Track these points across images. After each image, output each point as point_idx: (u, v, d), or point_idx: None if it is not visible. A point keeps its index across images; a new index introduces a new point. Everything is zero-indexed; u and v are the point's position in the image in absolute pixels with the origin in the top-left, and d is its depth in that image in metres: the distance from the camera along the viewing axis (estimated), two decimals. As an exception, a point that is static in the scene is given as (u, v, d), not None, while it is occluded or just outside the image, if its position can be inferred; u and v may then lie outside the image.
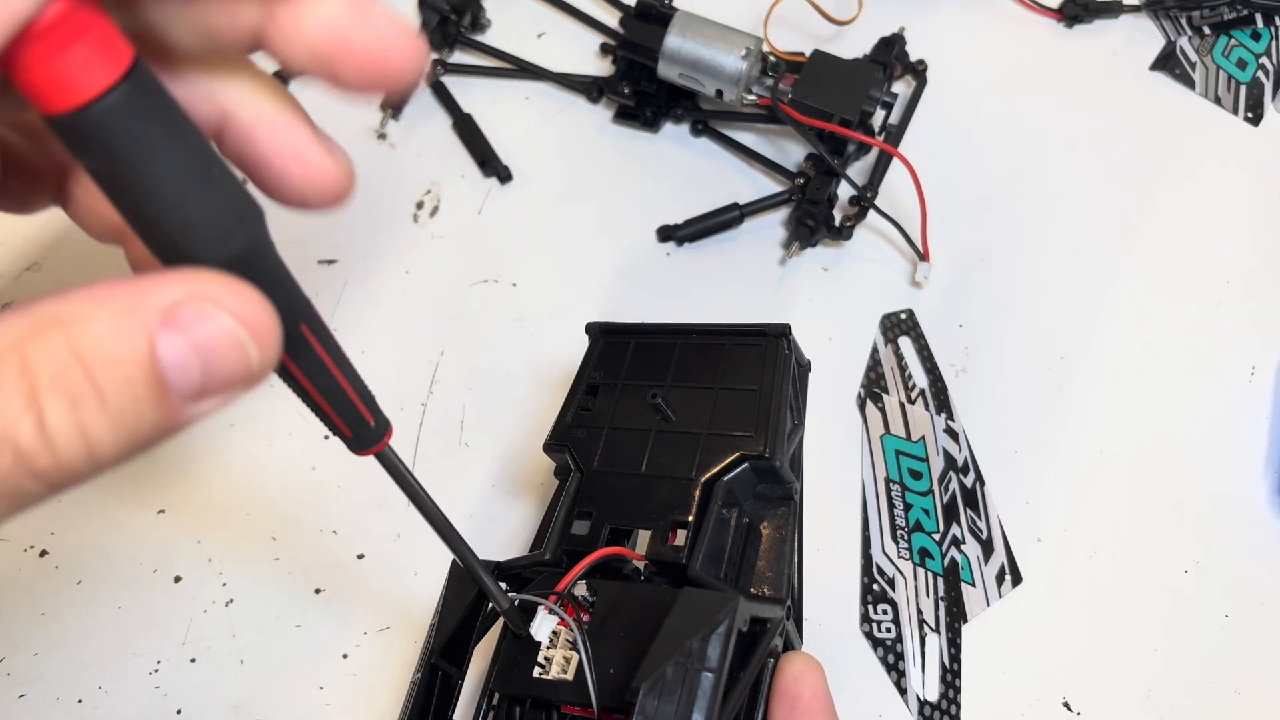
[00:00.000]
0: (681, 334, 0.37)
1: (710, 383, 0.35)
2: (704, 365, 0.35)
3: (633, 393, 0.36)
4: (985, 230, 0.52)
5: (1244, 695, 0.43)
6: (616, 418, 0.35)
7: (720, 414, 0.33)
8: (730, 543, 0.32)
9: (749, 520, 0.33)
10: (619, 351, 0.37)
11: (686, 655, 0.26)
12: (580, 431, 0.35)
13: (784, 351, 0.35)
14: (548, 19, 0.58)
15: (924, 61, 0.55)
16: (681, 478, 0.32)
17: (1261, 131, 0.56)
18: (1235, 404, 0.49)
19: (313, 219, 0.52)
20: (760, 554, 0.32)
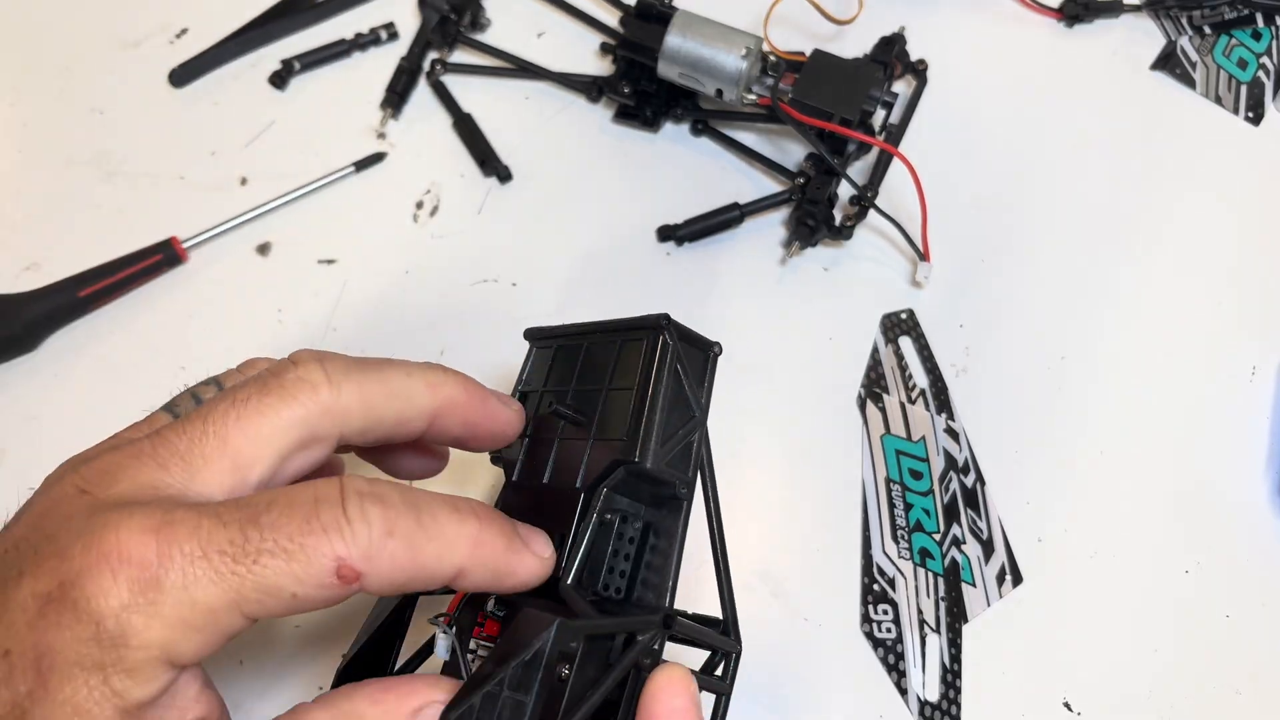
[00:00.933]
0: (589, 333, 0.34)
1: (600, 384, 0.33)
2: (600, 366, 0.33)
3: (547, 400, 0.34)
4: (986, 230, 0.52)
5: (1245, 695, 0.43)
6: (535, 427, 0.34)
7: (605, 417, 0.32)
8: (611, 552, 0.30)
9: (646, 525, 0.31)
10: (546, 356, 0.36)
11: (499, 684, 0.25)
12: (510, 444, 0.34)
13: (666, 343, 0.31)
14: (548, 18, 0.58)
15: (924, 61, 0.55)
16: (569, 488, 0.31)
17: (1262, 131, 0.56)
18: (1236, 404, 0.49)
19: (312, 218, 0.52)
20: (652, 563, 0.31)
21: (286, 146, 0.53)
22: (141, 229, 0.50)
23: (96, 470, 0.26)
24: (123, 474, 0.26)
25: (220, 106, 0.54)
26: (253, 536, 0.24)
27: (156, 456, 0.26)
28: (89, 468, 0.26)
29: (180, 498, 0.25)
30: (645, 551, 0.31)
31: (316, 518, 0.25)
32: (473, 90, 0.55)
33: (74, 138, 0.53)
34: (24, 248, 0.50)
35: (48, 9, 0.57)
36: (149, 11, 0.57)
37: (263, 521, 0.24)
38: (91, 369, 0.47)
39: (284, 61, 0.55)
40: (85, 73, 0.55)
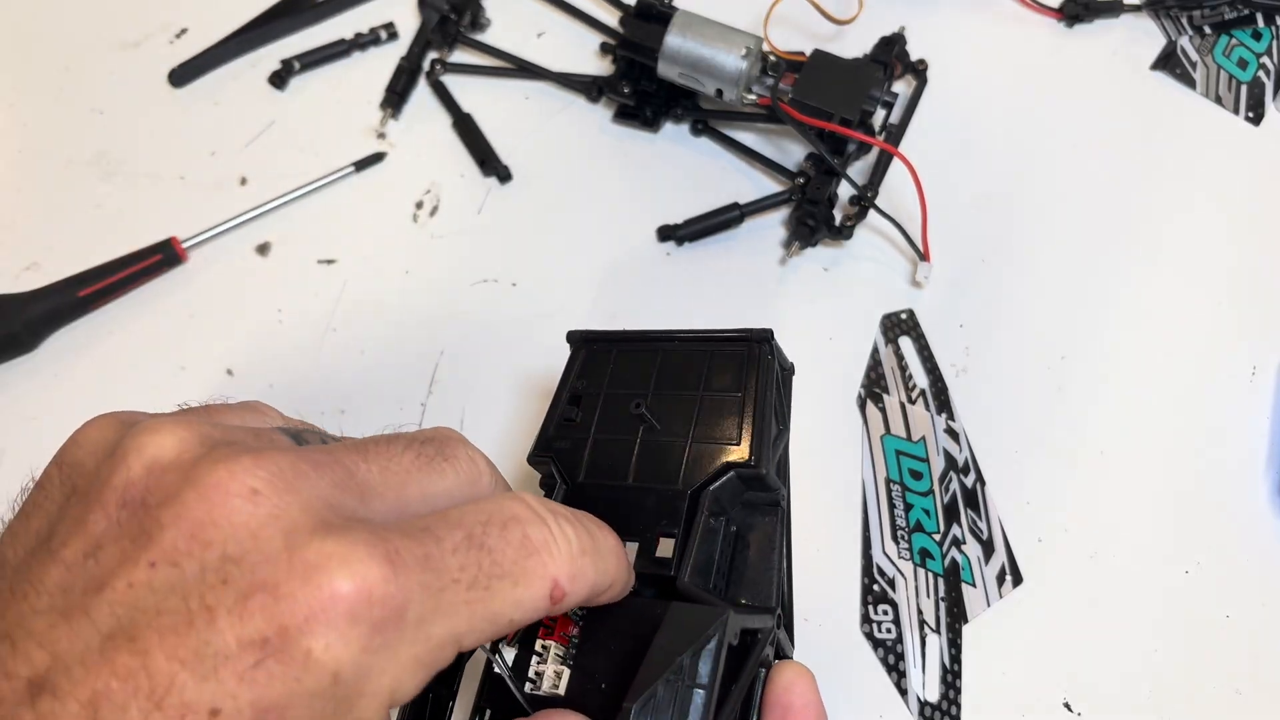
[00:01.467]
0: (664, 340, 0.36)
1: (693, 389, 0.34)
2: (687, 372, 0.34)
3: (616, 401, 0.35)
4: (986, 230, 0.52)
5: (1245, 695, 0.43)
6: (600, 428, 0.34)
7: (704, 422, 0.33)
8: (719, 553, 0.31)
9: (736, 529, 0.32)
10: (602, 359, 0.36)
11: (677, 673, 0.25)
12: (564, 442, 0.34)
13: (767, 357, 0.34)
14: (547, 18, 0.58)
15: (924, 61, 0.55)
16: (668, 488, 0.31)
17: (1262, 131, 0.56)
18: (1236, 404, 0.49)
19: (312, 218, 0.52)
20: (749, 562, 0.32)
21: (286, 146, 0.53)
22: (141, 229, 0.50)
23: (268, 469, 0.21)
24: (303, 483, 0.21)
25: (220, 106, 0.54)
26: (483, 562, 0.22)
27: (334, 472, 0.23)
28: (257, 463, 0.21)
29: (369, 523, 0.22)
30: (737, 554, 0.32)
31: (531, 539, 0.23)
32: (472, 90, 0.55)
33: (74, 138, 0.53)
34: (24, 248, 0.50)
35: (48, 9, 0.57)
36: (149, 11, 0.57)
37: (488, 544, 0.23)
38: (91, 369, 0.47)
39: (284, 61, 0.55)
40: (85, 73, 0.55)
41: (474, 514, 0.23)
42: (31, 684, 0.19)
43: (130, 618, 0.19)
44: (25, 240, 0.50)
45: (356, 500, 0.22)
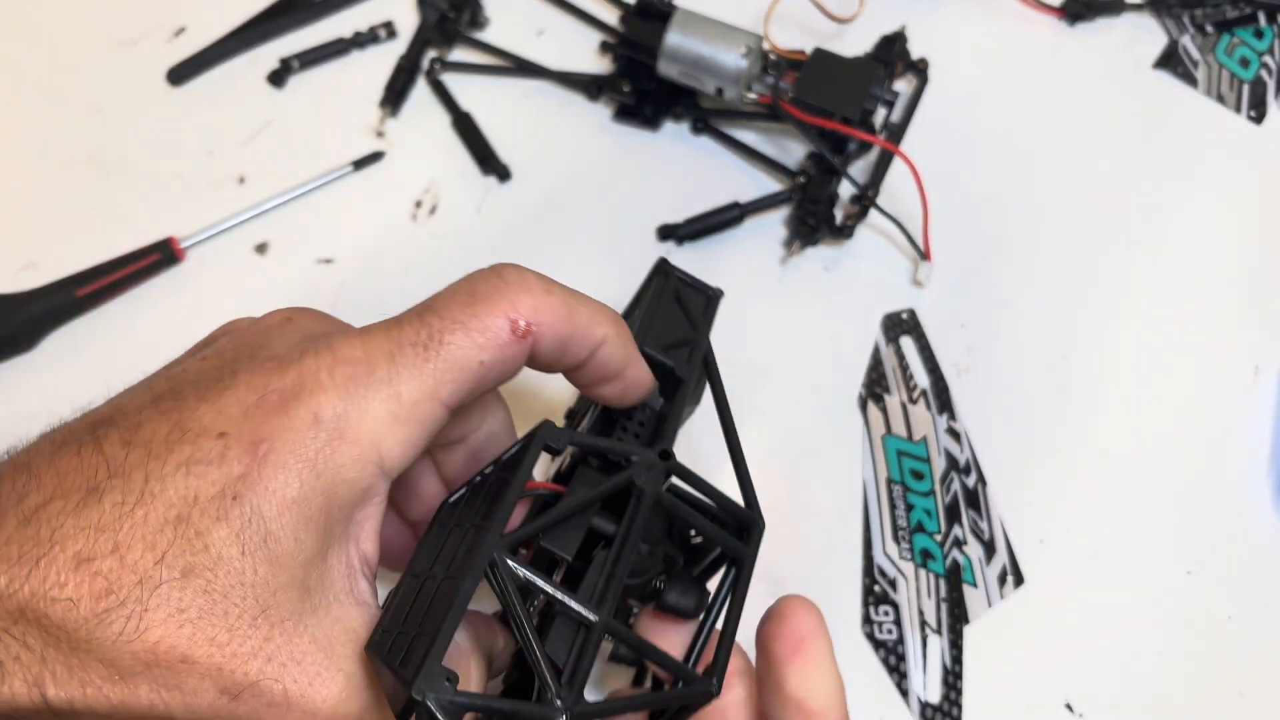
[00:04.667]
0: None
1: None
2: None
3: None
4: (987, 229, 0.52)
5: (1248, 697, 0.42)
6: None
7: None
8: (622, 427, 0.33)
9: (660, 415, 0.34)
10: None
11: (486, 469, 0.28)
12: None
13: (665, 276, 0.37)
14: (547, 17, 0.58)
15: (926, 59, 0.55)
16: None
17: (1264, 130, 0.56)
18: (1238, 404, 0.49)
19: (311, 217, 0.51)
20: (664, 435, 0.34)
21: (285, 145, 0.53)
22: (139, 228, 0.50)
23: (307, 314, 0.29)
24: (328, 321, 0.30)
25: (218, 105, 0.54)
26: (432, 322, 0.27)
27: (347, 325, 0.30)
28: (296, 310, 0.30)
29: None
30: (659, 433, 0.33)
31: (477, 290, 0.27)
32: (472, 89, 0.55)
33: (71, 137, 0.53)
34: (21, 247, 0.50)
35: (45, 8, 0.57)
36: (147, 10, 0.57)
37: (435, 308, 0.27)
38: (89, 369, 0.47)
39: (282, 60, 0.55)
40: (83, 71, 0.55)
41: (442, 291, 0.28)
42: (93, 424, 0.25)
43: (178, 385, 0.26)
44: (22, 239, 0.50)
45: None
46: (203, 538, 0.23)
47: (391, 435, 0.25)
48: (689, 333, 0.35)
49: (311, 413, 0.24)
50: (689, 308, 0.36)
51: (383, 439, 0.25)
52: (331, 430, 0.24)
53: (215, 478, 0.23)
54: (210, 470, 0.23)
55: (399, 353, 0.26)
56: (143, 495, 0.23)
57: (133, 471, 0.23)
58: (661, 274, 0.37)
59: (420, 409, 0.26)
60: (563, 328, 0.28)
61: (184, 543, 0.23)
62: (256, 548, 0.23)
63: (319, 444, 0.24)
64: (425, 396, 0.26)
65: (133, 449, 0.24)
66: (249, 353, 0.27)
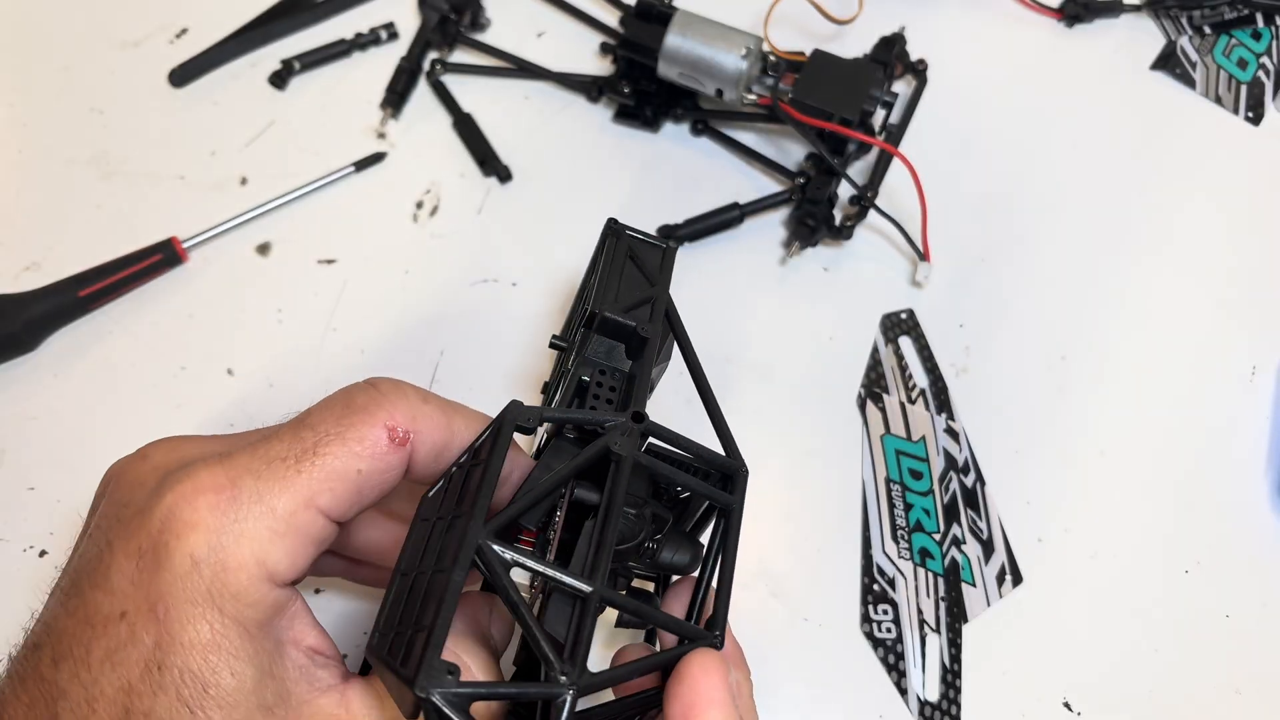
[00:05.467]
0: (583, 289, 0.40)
1: (583, 306, 0.37)
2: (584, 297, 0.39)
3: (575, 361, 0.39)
4: (986, 230, 0.52)
5: (1245, 695, 0.43)
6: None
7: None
8: (594, 395, 0.32)
9: (630, 376, 0.33)
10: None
11: (461, 458, 0.28)
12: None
13: (617, 236, 0.36)
14: (547, 18, 0.58)
15: (924, 61, 0.55)
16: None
17: (1262, 131, 0.56)
18: (1236, 404, 0.49)
19: (312, 218, 0.52)
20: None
21: (286, 146, 0.53)
22: (141, 229, 0.50)
23: (159, 447, 0.29)
24: (189, 446, 0.28)
25: (220, 106, 0.54)
26: (305, 436, 0.26)
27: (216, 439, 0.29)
28: (151, 446, 0.29)
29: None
30: (629, 396, 0.31)
31: (353, 401, 0.27)
32: (473, 90, 0.55)
33: (74, 137, 0.53)
34: (24, 248, 0.50)
35: (48, 9, 0.57)
36: (149, 11, 0.57)
37: (309, 422, 0.27)
38: (91, 369, 0.47)
39: (284, 61, 0.55)
40: (85, 73, 0.55)
41: (317, 405, 0.28)
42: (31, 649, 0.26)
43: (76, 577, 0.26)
44: (25, 240, 0.50)
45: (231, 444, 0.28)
46: (151, 715, 0.24)
47: (274, 549, 0.25)
48: (648, 290, 0.34)
49: (188, 556, 0.24)
50: (644, 265, 0.35)
51: (266, 556, 0.25)
52: (214, 565, 0.24)
53: (135, 658, 0.24)
54: (129, 653, 0.24)
55: (266, 469, 0.26)
56: (89, 704, 0.24)
57: (69, 686, 0.24)
58: (613, 235, 0.36)
59: (298, 519, 0.26)
60: (439, 435, 0.28)
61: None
62: (202, 700, 0.24)
63: (207, 583, 0.24)
64: (300, 506, 0.26)
65: (61, 665, 0.25)
66: (115, 514, 0.27)
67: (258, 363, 0.47)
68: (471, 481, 0.26)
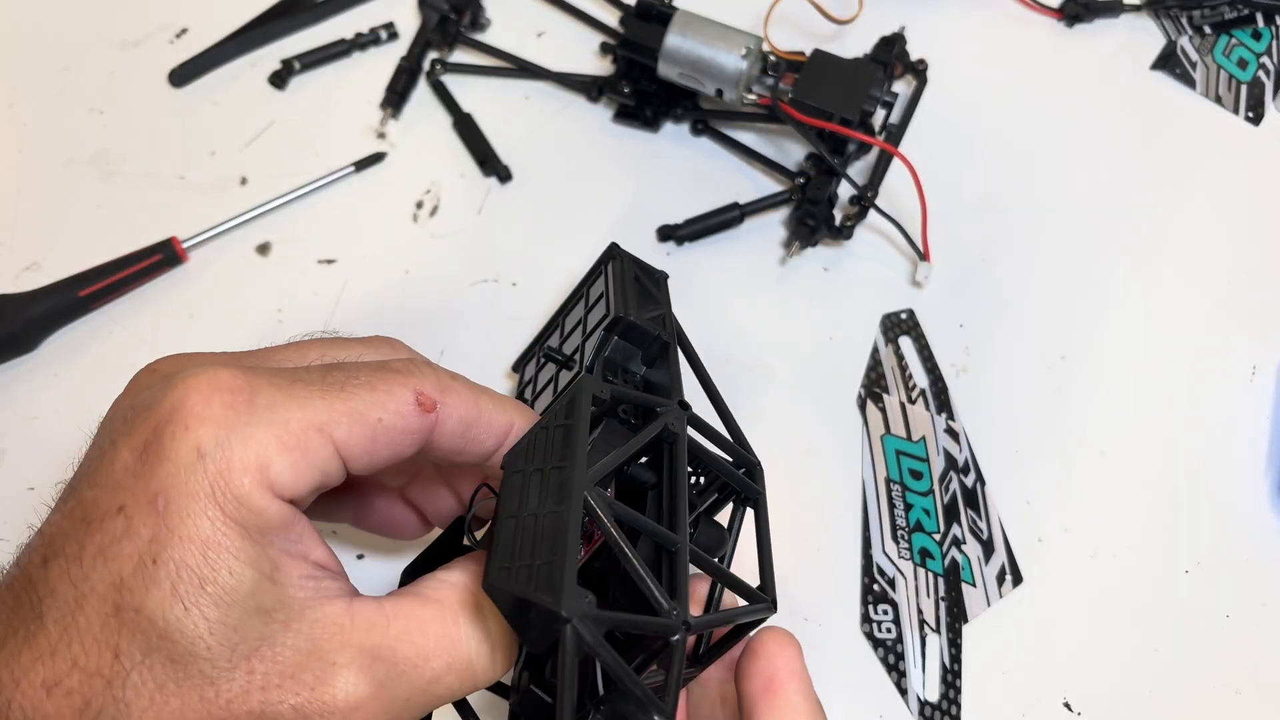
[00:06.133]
0: (556, 315, 0.43)
1: (581, 314, 0.40)
2: (575, 317, 0.41)
3: (544, 365, 0.42)
4: (986, 230, 0.52)
5: (1245, 695, 0.43)
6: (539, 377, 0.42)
7: (589, 327, 0.39)
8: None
9: (648, 382, 0.35)
10: (531, 362, 0.44)
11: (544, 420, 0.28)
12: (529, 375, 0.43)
13: (620, 258, 0.39)
14: (547, 18, 0.58)
15: (924, 61, 0.55)
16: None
17: (1262, 131, 0.56)
18: (1236, 404, 0.49)
19: (312, 218, 0.52)
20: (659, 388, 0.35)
21: (286, 146, 0.53)
22: (141, 229, 0.50)
23: (170, 360, 0.28)
24: (199, 358, 0.28)
25: (220, 106, 0.54)
26: (336, 375, 0.26)
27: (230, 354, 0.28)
28: (161, 360, 0.28)
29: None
30: (656, 390, 0.34)
31: (389, 365, 0.27)
32: (473, 90, 0.55)
33: (74, 137, 0.53)
34: (24, 248, 0.50)
35: (48, 9, 0.57)
36: (149, 11, 0.57)
37: (342, 366, 0.27)
38: (91, 369, 0.47)
39: (284, 61, 0.55)
40: (85, 73, 0.55)
41: (349, 361, 0.28)
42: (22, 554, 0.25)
43: (74, 482, 0.25)
44: (25, 240, 0.50)
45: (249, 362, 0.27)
46: (143, 612, 0.23)
47: (279, 460, 0.24)
48: (656, 307, 0.37)
49: (193, 448, 0.23)
50: (647, 286, 0.38)
51: (269, 463, 0.24)
52: (218, 462, 0.23)
53: (129, 551, 0.23)
54: (123, 546, 0.23)
55: (289, 386, 0.25)
56: (77, 602, 0.23)
57: (58, 583, 0.23)
58: (617, 258, 0.39)
59: (309, 439, 0.25)
60: (467, 411, 0.28)
61: (130, 627, 0.23)
62: (197, 595, 0.23)
63: (211, 478, 0.23)
64: (313, 428, 0.25)
65: (51, 563, 0.24)
66: (120, 415, 0.26)
67: (258, 363, 0.47)
68: (554, 439, 0.27)
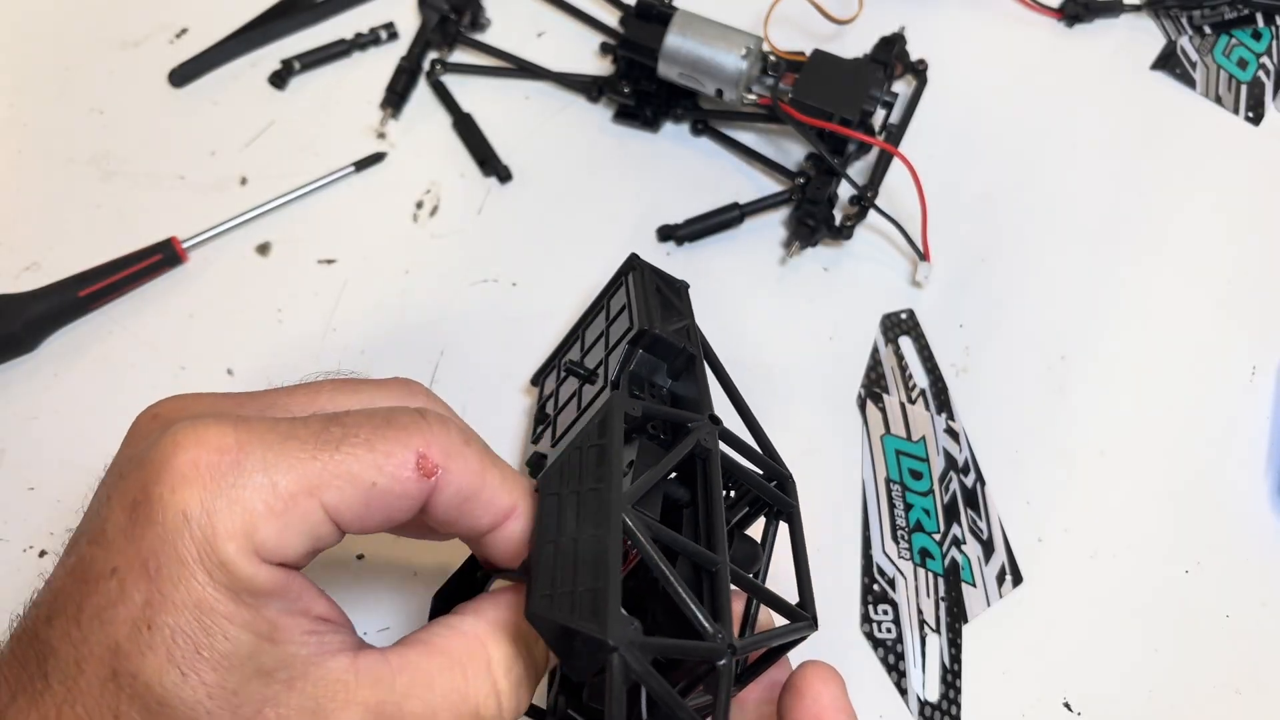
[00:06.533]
0: (575, 329, 0.43)
1: (602, 328, 0.39)
2: (596, 329, 0.40)
3: (565, 380, 0.41)
4: (986, 230, 0.52)
5: (1245, 695, 0.43)
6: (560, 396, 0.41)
7: (612, 339, 0.38)
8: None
9: (674, 395, 0.35)
10: (551, 377, 0.43)
11: (578, 440, 0.28)
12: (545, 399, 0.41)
13: (641, 269, 0.39)
14: (547, 18, 0.58)
15: (925, 61, 0.55)
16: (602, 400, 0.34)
17: (1262, 131, 0.56)
18: (1236, 404, 0.49)
19: (312, 218, 0.52)
20: (687, 402, 0.34)
21: (286, 146, 0.53)
22: (141, 229, 0.50)
23: (171, 403, 0.28)
24: (203, 402, 0.27)
25: (220, 106, 0.54)
26: (334, 431, 0.25)
27: (234, 398, 0.28)
28: (163, 402, 0.28)
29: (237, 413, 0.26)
30: (685, 405, 0.34)
31: (395, 419, 0.26)
32: (473, 90, 0.55)
33: (74, 138, 0.53)
34: (24, 248, 0.50)
35: (48, 9, 0.57)
36: (149, 11, 0.57)
37: (343, 420, 0.25)
38: (91, 369, 0.47)
39: (284, 61, 0.55)
40: (85, 73, 0.55)
41: (357, 410, 0.26)
42: (31, 609, 0.25)
43: (77, 537, 0.25)
44: (25, 240, 0.50)
45: (258, 411, 0.27)
46: (139, 678, 0.22)
47: (265, 526, 0.23)
48: (679, 318, 0.36)
49: (179, 512, 0.23)
50: (668, 296, 0.37)
51: (255, 530, 0.23)
52: (204, 528, 0.23)
53: (124, 616, 0.23)
54: (118, 610, 0.23)
55: (280, 445, 0.24)
56: (78, 665, 0.23)
57: (60, 644, 0.23)
58: (637, 269, 0.38)
59: (298, 503, 0.24)
60: (470, 481, 0.26)
61: (128, 692, 0.23)
62: (194, 661, 0.23)
63: (198, 543, 0.23)
64: (303, 491, 0.24)
65: (54, 622, 0.24)
66: (118, 468, 0.25)
67: (258, 363, 0.47)
68: (587, 460, 0.27)
